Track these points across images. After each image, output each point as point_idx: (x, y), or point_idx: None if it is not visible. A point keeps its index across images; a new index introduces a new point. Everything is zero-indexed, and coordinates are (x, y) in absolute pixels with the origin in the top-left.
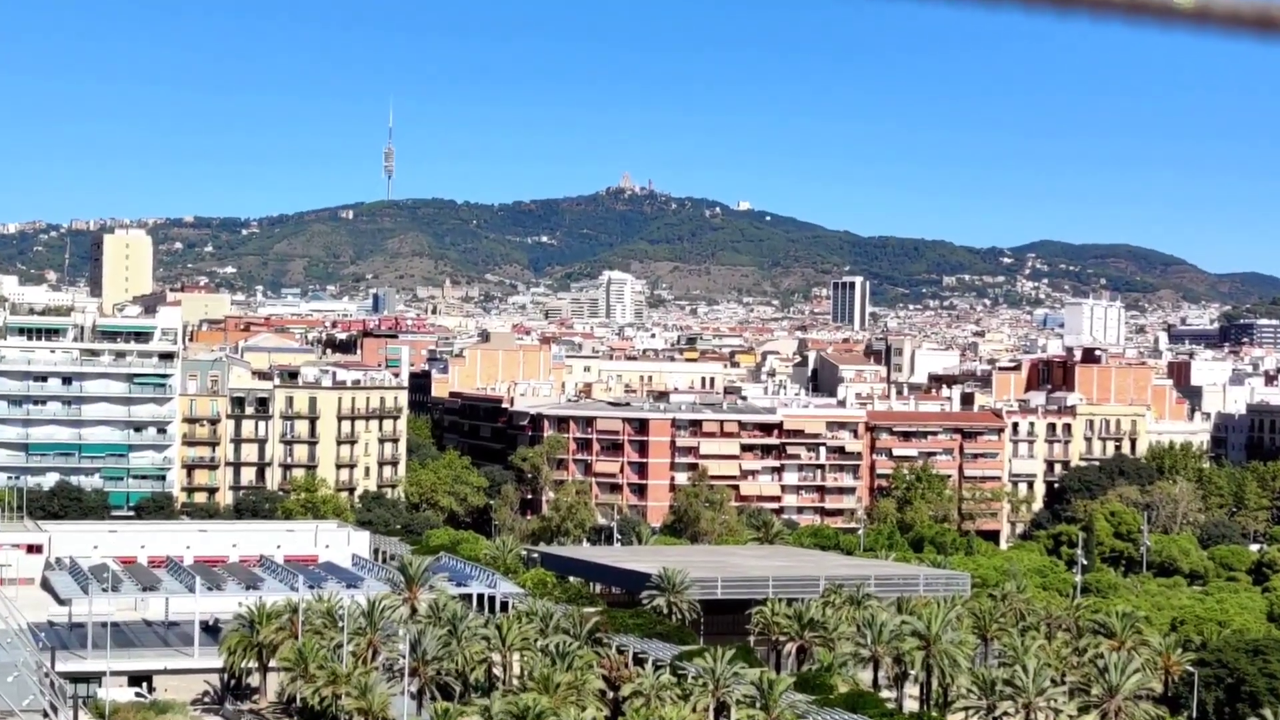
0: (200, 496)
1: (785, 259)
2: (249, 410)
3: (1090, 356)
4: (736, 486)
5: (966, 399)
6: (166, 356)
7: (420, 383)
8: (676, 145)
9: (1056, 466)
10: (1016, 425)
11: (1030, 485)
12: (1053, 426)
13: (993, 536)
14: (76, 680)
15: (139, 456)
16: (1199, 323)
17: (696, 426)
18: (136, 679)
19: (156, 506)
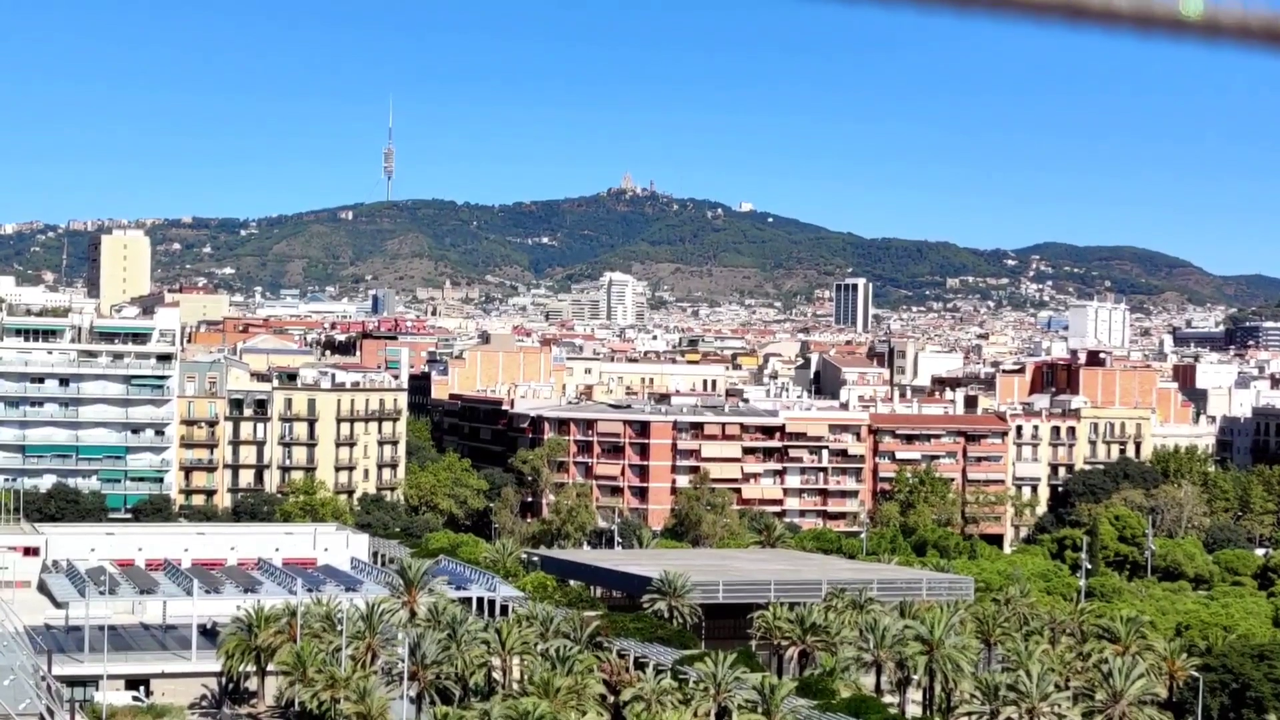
0: (198, 499)
1: (788, 260)
2: (247, 412)
3: (1095, 359)
4: (738, 489)
5: (970, 402)
6: (164, 358)
7: (420, 385)
8: (678, 146)
9: (1060, 470)
10: (1020, 428)
11: (1034, 489)
12: (1057, 429)
13: (996, 540)
14: (73, 684)
15: (136, 459)
16: (1204, 325)
17: (698, 429)
18: (134, 682)
19: (154, 509)
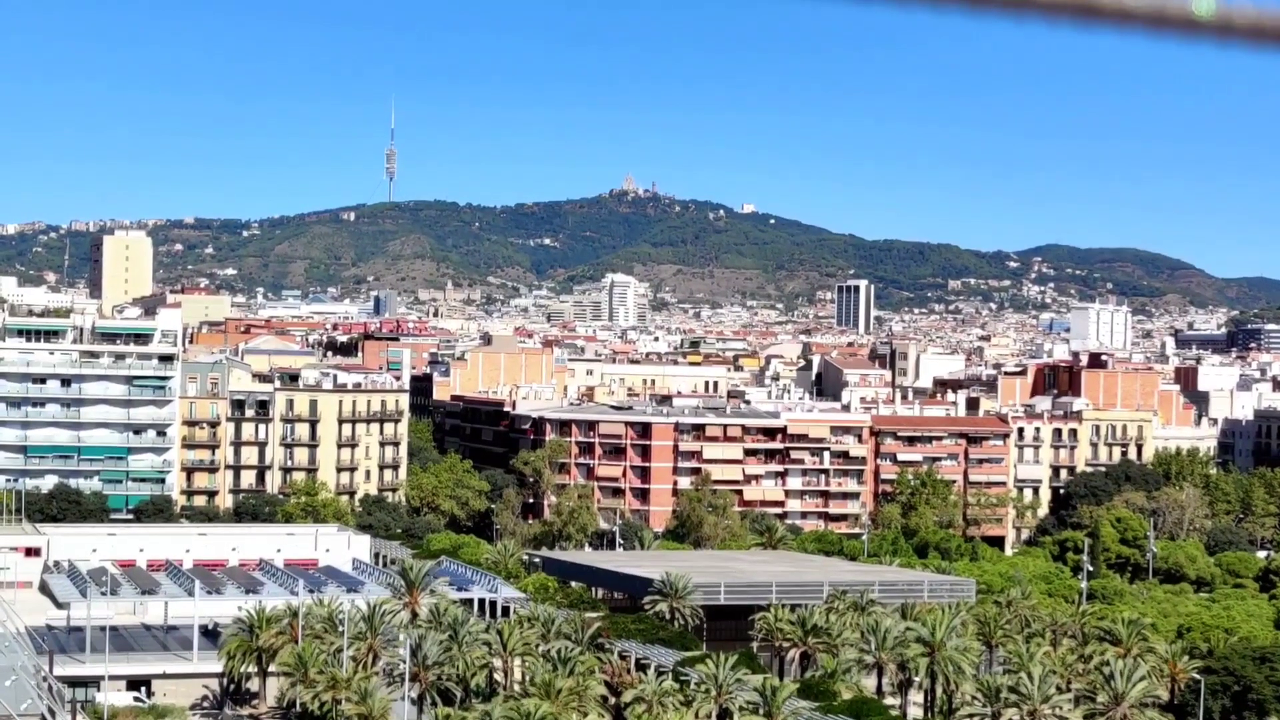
0: (200, 500)
1: (789, 262)
2: (249, 413)
3: (1096, 361)
4: (740, 491)
5: (972, 404)
6: (166, 359)
7: (421, 386)
8: (680, 147)
9: (1062, 472)
10: (1022, 430)
11: (1036, 491)
12: (1059, 432)
13: (998, 542)
14: (75, 684)
15: (138, 459)
16: (1206, 328)
17: (699, 430)
18: (135, 683)
19: (156, 509)
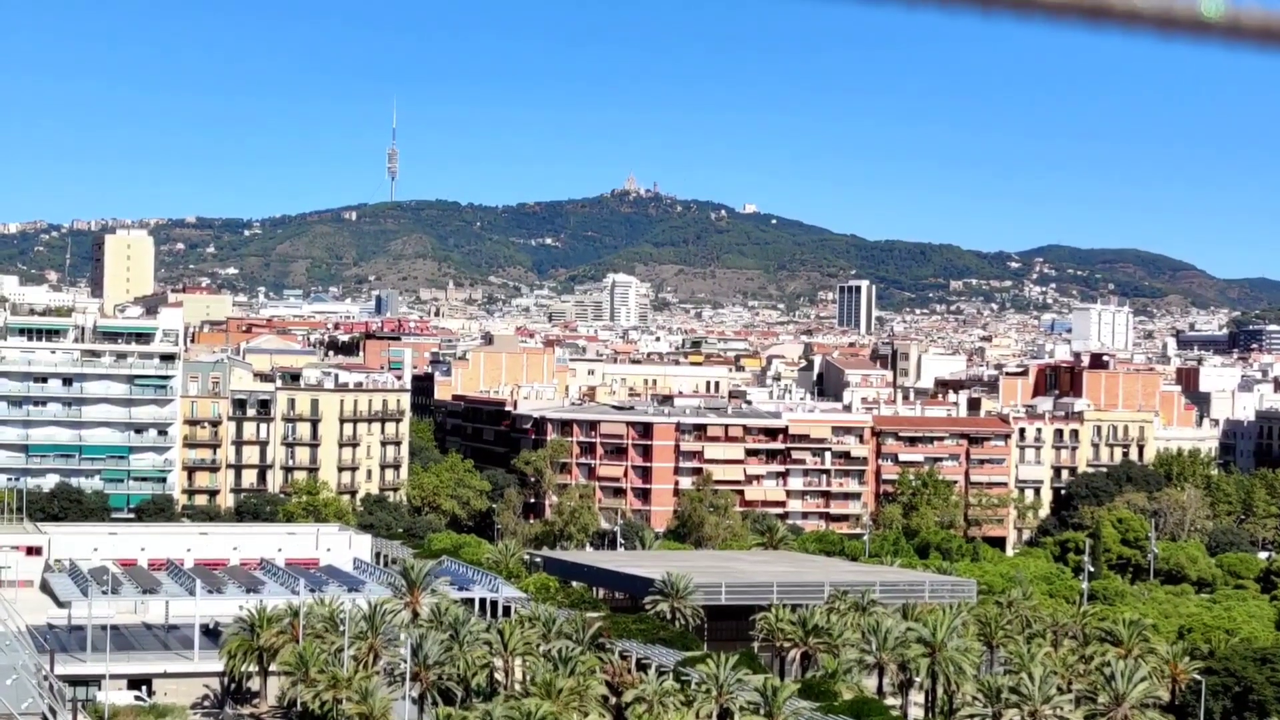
0: (201, 499)
1: (791, 262)
2: (250, 412)
3: (1098, 362)
4: (741, 491)
5: (973, 404)
6: (167, 358)
7: (423, 385)
8: (682, 147)
9: (1064, 473)
10: (1023, 431)
11: (1037, 491)
12: (1060, 432)
13: (999, 543)
14: (76, 683)
15: (139, 458)
16: (1208, 328)
17: (701, 431)
18: (136, 682)
19: (157, 509)
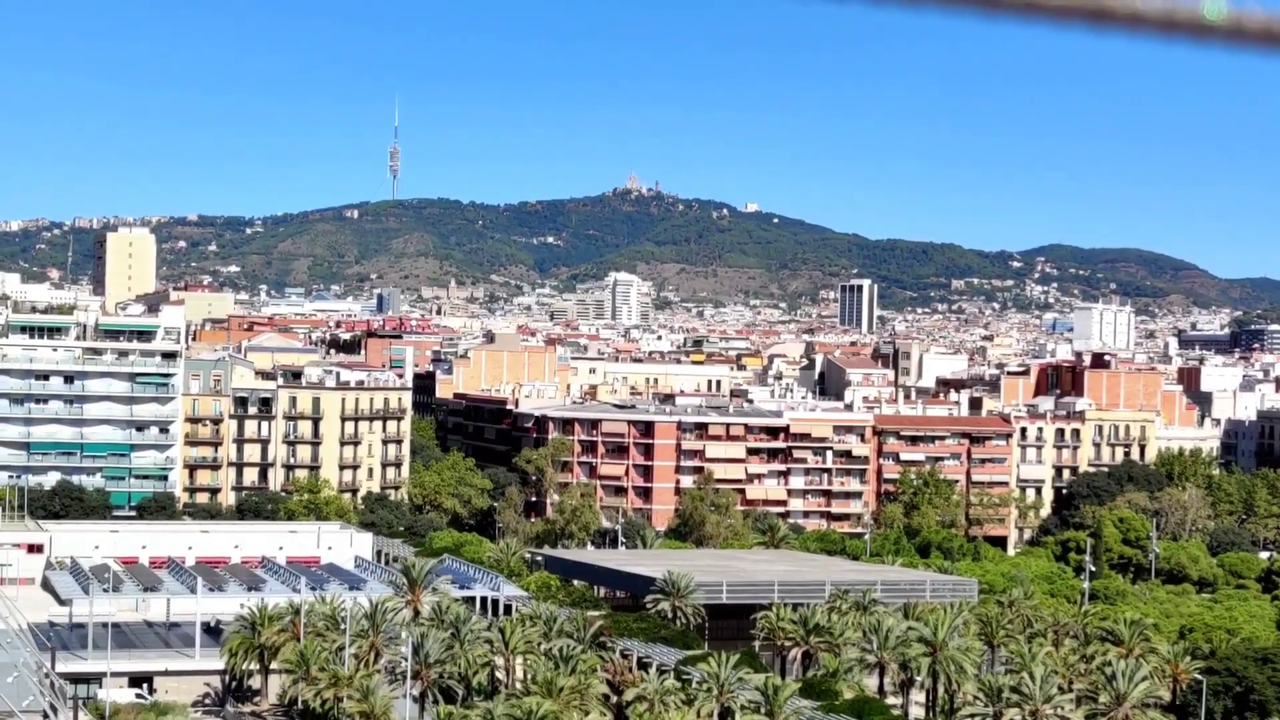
0: (202, 497)
1: (793, 261)
2: (252, 410)
3: (1099, 361)
4: (742, 490)
5: (974, 403)
6: (169, 356)
7: (424, 384)
8: (684, 146)
9: (1065, 472)
10: (1025, 430)
11: (1038, 491)
12: (1061, 432)
13: (1000, 542)
14: (77, 681)
15: (141, 456)
16: (1209, 328)
17: (702, 429)
18: (137, 680)
19: (158, 506)
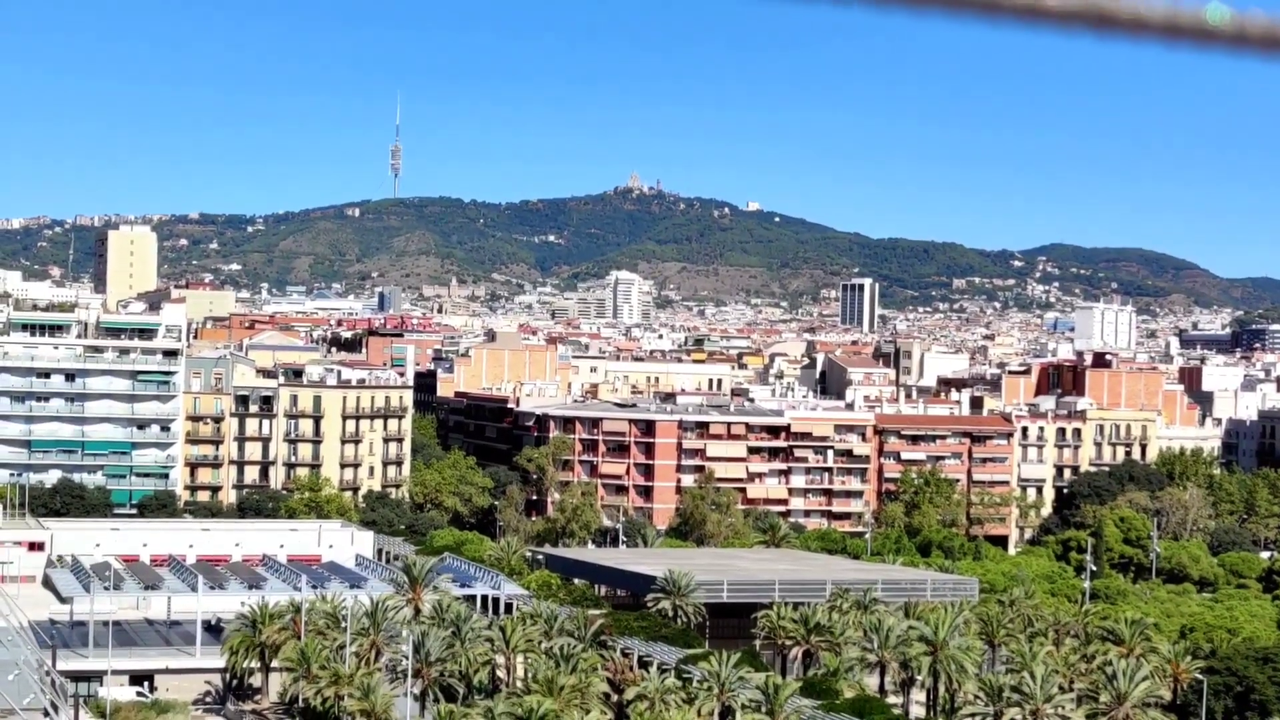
0: (203, 495)
1: (794, 260)
2: (253, 408)
3: (1101, 361)
4: (743, 489)
5: (976, 403)
6: (170, 354)
7: (426, 382)
8: (685, 145)
9: (1066, 471)
10: (1026, 429)
11: (1039, 490)
12: (1062, 431)
13: (1001, 541)
14: (78, 679)
15: (142, 454)
16: (1210, 328)
17: (703, 428)
18: (138, 678)
19: (159, 505)
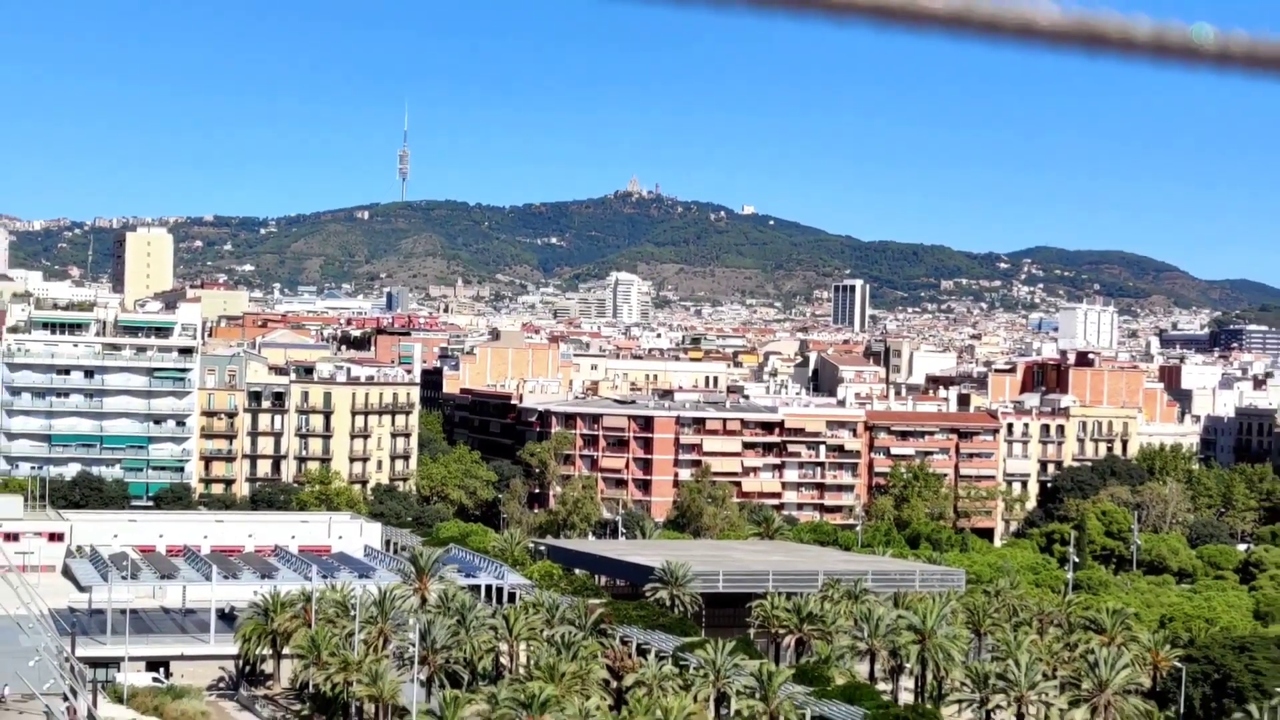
0: (217, 488)
1: (788, 262)
2: (265, 404)
3: (1083, 360)
4: (738, 483)
5: (963, 400)
6: (186, 351)
7: (432, 379)
8: (683, 150)
9: (1050, 466)
10: (1011, 426)
11: (1024, 484)
12: (1046, 427)
13: (987, 534)
14: (96, 665)
15: (158, 448)
16: (1190, 328)
17: (700, 424)
18: (154, 664)
19: (175, 497)
